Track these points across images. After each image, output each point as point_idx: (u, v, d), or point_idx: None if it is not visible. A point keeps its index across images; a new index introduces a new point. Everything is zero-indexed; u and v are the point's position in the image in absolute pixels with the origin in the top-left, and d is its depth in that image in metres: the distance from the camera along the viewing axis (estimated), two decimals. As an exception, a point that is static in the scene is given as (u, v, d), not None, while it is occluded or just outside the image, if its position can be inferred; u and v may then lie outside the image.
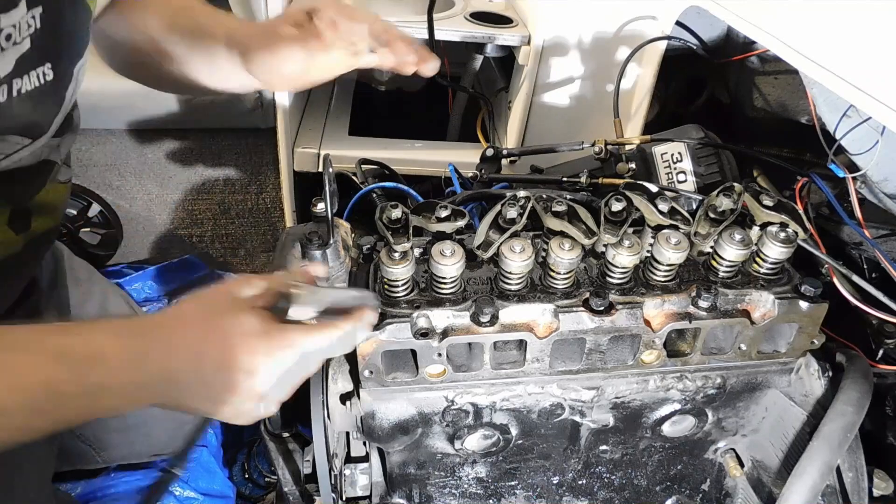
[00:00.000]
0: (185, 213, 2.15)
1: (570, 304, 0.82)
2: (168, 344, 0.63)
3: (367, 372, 0.83)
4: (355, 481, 0.99)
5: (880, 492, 0.87)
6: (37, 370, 0.58)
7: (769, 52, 1.04)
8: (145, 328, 0.67)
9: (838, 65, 0.87)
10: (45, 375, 0.58)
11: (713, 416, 0.96)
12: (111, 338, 0.62)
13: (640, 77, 1.60)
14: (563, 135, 1.62)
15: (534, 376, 0.87)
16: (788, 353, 0.90)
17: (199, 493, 1.48)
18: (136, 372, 0.62)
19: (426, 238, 0.85)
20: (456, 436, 0.92)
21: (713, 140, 1.14)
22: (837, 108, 1.00)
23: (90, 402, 0.61)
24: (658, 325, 0.83)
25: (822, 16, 0.92)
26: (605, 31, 1.60)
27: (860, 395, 0.83)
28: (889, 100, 0.78)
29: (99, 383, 0.59)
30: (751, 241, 0.84)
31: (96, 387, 0.60)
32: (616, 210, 0.85)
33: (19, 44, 0.66)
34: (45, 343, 0.60)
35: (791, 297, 0.84)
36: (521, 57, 1.64)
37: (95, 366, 0.60)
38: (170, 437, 1.41)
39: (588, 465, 1.01)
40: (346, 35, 0.87)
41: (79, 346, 0.60)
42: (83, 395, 0.60)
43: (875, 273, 1.07)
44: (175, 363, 0.63)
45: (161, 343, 0.63)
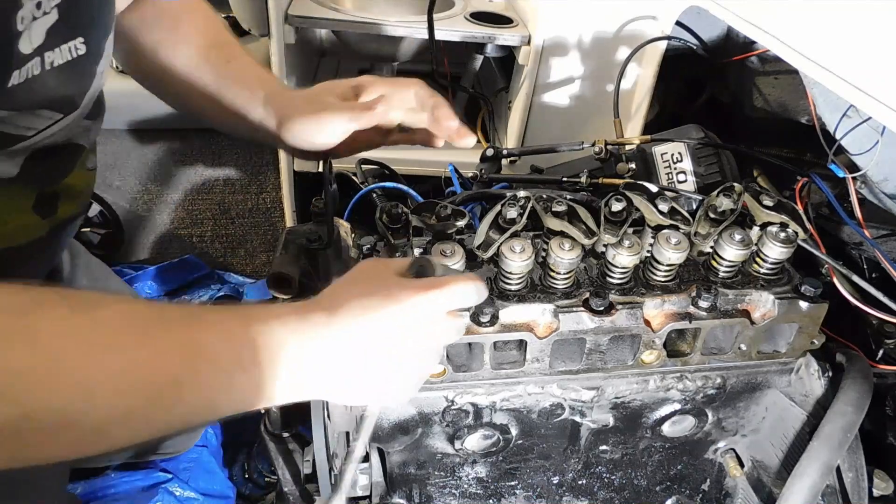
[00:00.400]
0: (185, 213, 2.15)
1: (570, 304, 0.82)
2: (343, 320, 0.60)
3: (367, 372, 0.82)
4: (355, 481, 0.99)
5: (880, 492, 0.87)
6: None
7: (769, 52, 1.04)
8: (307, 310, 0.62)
9: (838, 65, 0.87)
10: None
11: (713, 416, 0.96)
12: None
13: (640, 77, 1.60)
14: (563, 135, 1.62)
15: (534, 376, 0.87)
16: (788, 353, 0.90)
17: (199, 493, 1.48)
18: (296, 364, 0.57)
19: (426, 238, 0.86)
20: (456, 436, 0.92)
21: (713, 140, 1.14)
22: (837, 108, 1.00)
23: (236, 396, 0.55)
24: (658, 325, 0.83)
25: (822, 16, 0.92)
26: (605, 31, 1.60)
27: (860, 395, 0.83)
28: (889, 100, 0.78)
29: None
30: (751, 241, 0.84)
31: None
32: (616, 210, 0.85)
33: (49, 13, 0.65)
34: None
35: (791, 297, 0.84)
36: (521, 57, 1.64)
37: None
38: (173, 437, 1.41)
39: (588, 465, 1.01)
40: (397, 105, 0.88)
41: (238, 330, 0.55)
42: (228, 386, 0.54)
43: (875, 273, 1.07)
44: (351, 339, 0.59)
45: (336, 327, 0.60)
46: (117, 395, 0.46)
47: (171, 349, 0.51)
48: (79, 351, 0.45)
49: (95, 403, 0.45)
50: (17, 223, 0.81)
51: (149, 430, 0.50)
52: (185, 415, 0.52)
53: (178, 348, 0.51)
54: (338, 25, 1.67)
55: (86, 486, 1.42)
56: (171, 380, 0.50)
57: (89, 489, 1.42)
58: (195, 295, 2.04)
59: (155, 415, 0.50)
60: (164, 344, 0.51)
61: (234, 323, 0.55)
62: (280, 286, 0.85)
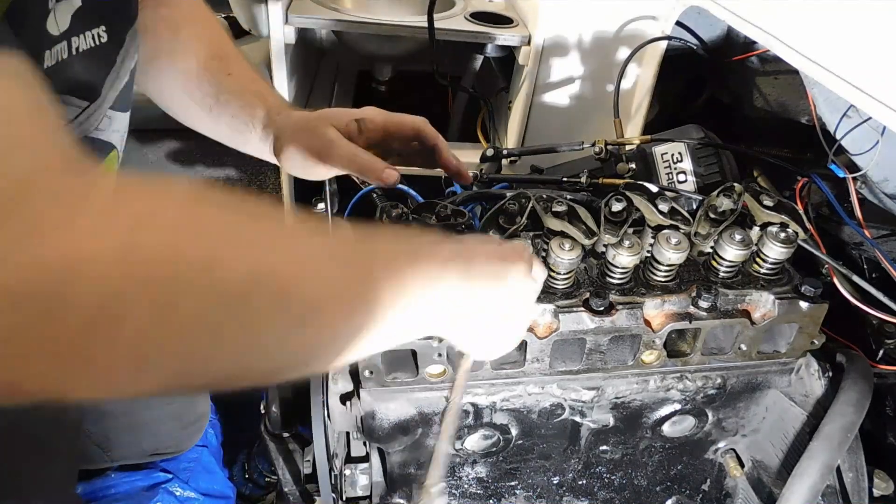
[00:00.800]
0: (185, 213, 2.15)
1: (571, 304, 0.82)
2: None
3: (367, 372, 0.83)
4: (355, 481, 0.99)
5: (880, 492, 0.87)
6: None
7: (769, 52, 1.04)
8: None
9: (838, 65, 0.87)
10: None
11: (713, 416, 0.96)
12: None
13: (640, 77, 1.60)
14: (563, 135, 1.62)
15: (534, 376, 0.87)
16: (788, 353, 0.90)
17: (199, 493, 1.48)
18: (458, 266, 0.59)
19: (426, 238, 0.86)
20: (456, 436, 0.92)
21: (713, 140, 1.14)
22: (837, 108, 1.00)
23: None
24: (658, 326, 0.83)
25: (822, 16, 0.92)
26: (605, 31, 1.60)
27: (860, 395, 0.83)
28: (889, 100, 0.78)
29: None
30: (751, 241, 0.84)
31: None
32: (616, 210, 0.85)
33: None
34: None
35: (791, 298, 0.84)
36: (521, 57, 1.64)
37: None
38: (175, 437, 1.41)
39: (588, 465, 1.01)
40: (398, 148, 0.89)
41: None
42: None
43: (875, 273, 1.07)
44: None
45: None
46: (324, 272, 0.47)
47: (386, 244, 0.54)
48: (286, 230, 0.48)
49: (306, 276, 0.45)
50: None
51: (348, 324, 0.49)
52: (369, 319, 0.52)
53: (380, 249, 0.54)
54: (338, 25, 1.67)
55: (86, 487, 1.42)
56: (361, 279, 0.50)
57: (89, 489, 1.42)
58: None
59: (352, 308, 0.49)
60: (347, 251, 0.52)
61: (404, 262, 0.56)
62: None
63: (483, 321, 0.63)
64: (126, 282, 0.34)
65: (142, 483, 1.46)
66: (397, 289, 0.53)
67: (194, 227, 0.39)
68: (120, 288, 0.34)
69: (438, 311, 0.58)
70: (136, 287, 0.35)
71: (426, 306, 0.57)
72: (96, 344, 0.34)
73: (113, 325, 0.34)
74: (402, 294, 0.54)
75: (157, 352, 0.37)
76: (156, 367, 0.38)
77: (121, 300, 0.34)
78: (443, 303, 0.58)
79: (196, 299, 0.38)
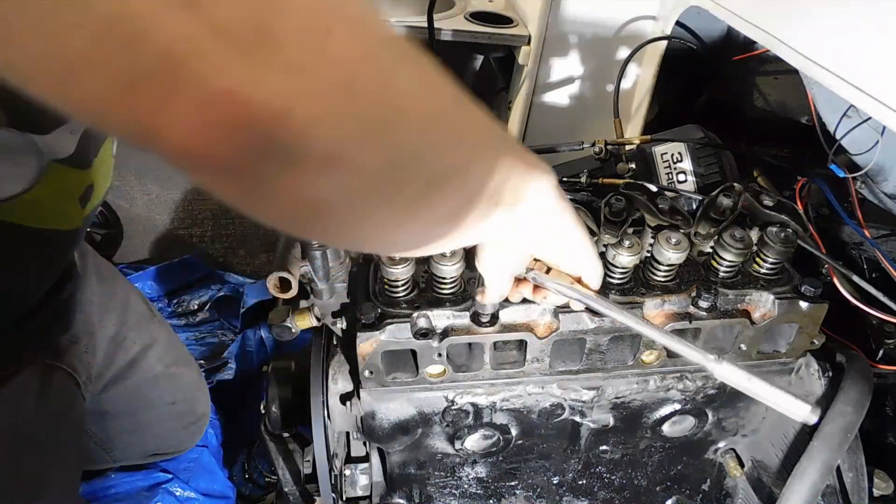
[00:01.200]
0: (185, 213, 2.15)
1: (570, 305, 0.82)
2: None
3: (367, 372, 0.83)
4: (355, 481, 0.99)
5: (880, 492, 0.87)
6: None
7: (769, 52, 1.04)
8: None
9: (838, 65, 0.87)
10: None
11: (713, 416, 0.96)
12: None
13: (640, 77, 1.59)
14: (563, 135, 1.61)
15: (534, 376, 0.87)
16: (788, 353, 0.90)
17: (199, 493, 1.48)
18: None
19: (426, 238, 0.85)
20: (456, 436, 0.92)
21: (713, 140, 1.14)
22: (837, 108, 1.00)
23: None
24: (658, 325, 0.83)
25: (822, 16, 0.92)
26: (605, 31, 1.60)
27: (860, 395, 0.83)
28: (889, 100, 0.78)
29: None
30: (751, 241, 0.84)
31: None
32: (616, 210, 0.85)
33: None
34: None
35: (791, 298, 0.84)
36: (521, 57, 1.64)
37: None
38: (177, 437, 1.41)
39: (588, 465, 1.01)
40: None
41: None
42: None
43: (875, 273, 1.07)
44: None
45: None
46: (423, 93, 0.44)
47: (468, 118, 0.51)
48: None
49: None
50: (67, 211, 0.87)
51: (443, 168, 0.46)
52: (482, 178, 0.51)
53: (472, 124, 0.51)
54: (338, 25, 1.67)
55: (86, 487, 1.42)
56: (481, 132, 0.50)
57: (90, 490, 1.42)
58: (195, 295, 2.04)
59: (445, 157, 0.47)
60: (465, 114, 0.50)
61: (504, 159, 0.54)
62: (280, 287, 0.85)
63: (574, 236, 0.63)
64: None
65: (142, 483, 1.46)
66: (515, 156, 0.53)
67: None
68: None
69: (541, 198, 0.58)
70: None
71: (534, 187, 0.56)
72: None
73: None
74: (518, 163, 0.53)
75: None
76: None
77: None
78: (543, 192, 0.58)
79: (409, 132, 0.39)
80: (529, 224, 0.60)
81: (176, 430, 1.40)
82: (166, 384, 1.32)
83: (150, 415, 1.32)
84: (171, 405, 1.35)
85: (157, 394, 1.30)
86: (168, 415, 1.35)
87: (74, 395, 1.02)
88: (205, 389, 1.45)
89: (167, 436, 1.40)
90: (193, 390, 1.40)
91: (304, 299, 0.90)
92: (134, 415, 1.29)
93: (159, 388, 1.30)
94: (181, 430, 1.41)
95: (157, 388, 1.30)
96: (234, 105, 0.31)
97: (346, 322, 0.90)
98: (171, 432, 1.40)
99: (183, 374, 1.36)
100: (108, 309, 1.18)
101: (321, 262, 0.84)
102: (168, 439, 1.41)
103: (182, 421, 1.40)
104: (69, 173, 0.84)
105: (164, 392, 1.32)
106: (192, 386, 1.39)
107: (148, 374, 1.26)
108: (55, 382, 0.97)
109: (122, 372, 1.22)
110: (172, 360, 1.32)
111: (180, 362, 1.35)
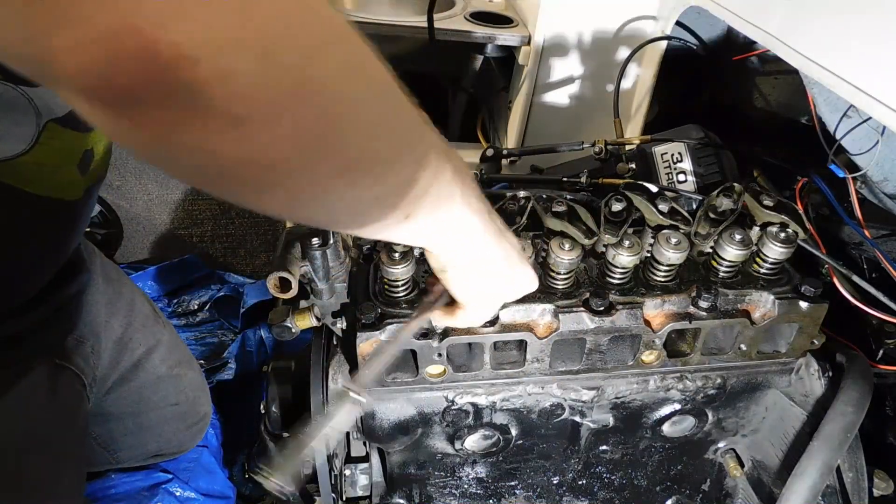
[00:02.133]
0: (185, 213, 2.15)
1: (570, 305, 0.82)
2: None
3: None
4: (355, 481, 0.99)
5: (880, 492, 0.87)
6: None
7: (769, 52, 1.04)
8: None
9: (838, 65, 0.87)
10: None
11: (713, 416, 0.96)
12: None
13: (640, 77, 1.59)
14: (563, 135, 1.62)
15: (534, 376, 0.87)
16: (788, 353, 0.90)
17: (199, 493, 1.48)
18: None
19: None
20: (456, 436, 0.92)
21: (713, 140, 1.14)
22: (837, 108, 1.00)
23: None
24: (658, 326, 0.83)
25: (822, 16, 0.92)
26: (605, 31, 1.60)
27: (860, 395, 0.83)
28: (889, 100, 0.78)
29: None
30: (751, 241, 0.84)
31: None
32: (616, 210, 0.85)
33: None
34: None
35: (791, 298, 0.84)
36: (521, 57, 1.64)
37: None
38: (179, 437, 1.42)
39: (588, 465, 1.01)
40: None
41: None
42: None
43: (875, 273, 1.07)
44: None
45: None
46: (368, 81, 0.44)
47: (413, 124, 0.50)
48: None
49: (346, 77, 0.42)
50: (66, 177, 0.86)
51: (386, 169, 0.47)
52: (398, 186, 0.50)
53: (417, 131, 0.51)
54: (338, 25, 1.67)
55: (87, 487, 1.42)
56: (407, 132, 0.49)
57: (90, 490, 1.42)
58: (195, 295, 2.04)
59: (395, 157, 0.48)
60: (411, 118, 0.50)
61: (448, 174, 0.54)
62: (280, 287, 0.85)
63: (484, 270, 0.64)
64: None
65: (142, 483, 1.46)
66: (441, 178, 0.52)
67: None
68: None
69: (457, 231, 0.58)
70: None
71: (454, 215, 0.56)
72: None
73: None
74: (442, 183, 0.53)
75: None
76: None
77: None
78: (463, 226, 0.58)
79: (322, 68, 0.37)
80: (437, 233, 0.59)
81: (178, 430, 1.40)
82: (170, 385, 1.32)
83: (154, 416, 1.32)
84: (174, 406, 1.35)
85: (161, 395, 1.30)
86: (171, 416, 1.35)
87: (81, 396, 1.02)
88: (206, 390, 1.45)
89: (170, 436, 1.40)
90: (196, 391, 1.40)
91: (304, 299, 0.90)
92: (137, 416, 1.29)
93: (163, 389, 1.30)
94: (184, 430, 1.41)
95: (160, 389, 1.30)
96: (138, 39, 0.30)
97: (346, 322, 0.90)
98: (174, 433, 1.40)
99: (186, 375, 1.36)
100: (115, 310, 1.18)
101: (321, 262, 0.84)
102: (171, 440, 1.41)
103: (185, 422, 1.40)
104: (66, 134, 0.82)
105: (168, 393, 1.32)
106: (195, 386, 1.40)
107: (152, 375, 1.26)
108: (63, 383, 0.96)
109: (126, 374, 1.22)
110: (176, 361, 1.32)
111: (183, 363, 1.35)
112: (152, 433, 1.36)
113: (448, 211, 0.56)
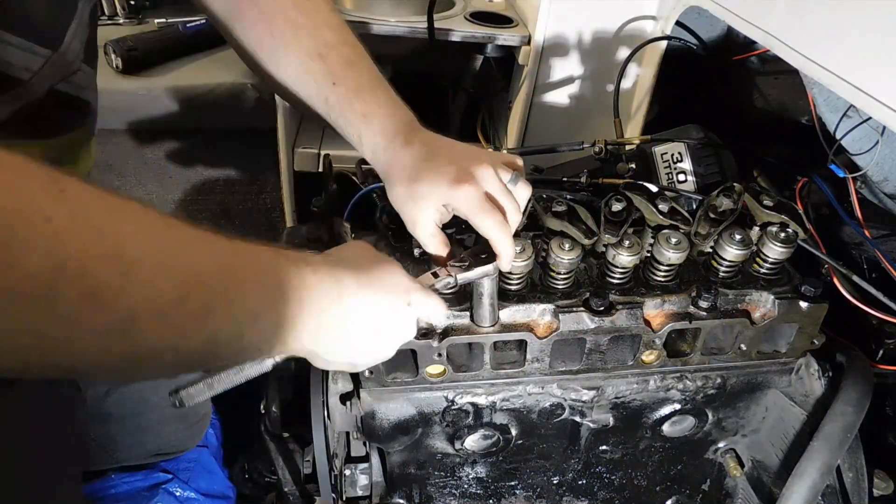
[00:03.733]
0: (185, 213, 2.15)
1: (570, 304, 0.82)
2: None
3: (367, 372, 0.83)
4: (355, 481, 0.99)
5: (880, 492, 0.87)
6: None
7: (769, 52, 1.04)
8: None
9: (838, 65, 0.87)
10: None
11: (713, 416, 0.96)
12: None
13: (640, 77, 1.60)
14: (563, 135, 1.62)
15: (534, 376, 0.87)
16: (788, 353, 0.90)
17: (199, 494, 1.48)
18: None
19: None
20: (456, 436, 0.92)
21: (713, 140, 1.14)
22: (837, 108, 1.00)
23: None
24: (658, 325, 0.83)
25: (822, 16, 0.92)
26: (605, 31, 1.60)
27: (860, 395, 0.83)
28: (889, 100, 0.78)
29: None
30: (751, 241, 0.84)
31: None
32: (616, 210, 0.85)
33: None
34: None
35: (791, 298, 0.84)
36: (521, 57, 1.64)
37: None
38: (179, 437, 1.42)
39: (588, 465, 1.01)
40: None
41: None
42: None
43: (875, 273, 1.07)
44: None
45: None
46: (150, 277, 0.44)
47: (206, 257, 0.51)
48: (115, 217, 0.45)
49: (128, 279, 0.43)
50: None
51: (177, 339, 0.49)
52: (214, 333, 0.51)
53: (213, 259, 0.52)
54: (338, 25, 1.67)
55: (86, 487, 1.42)
56: (201, 283, 0.50)
57: (90, 490, 1.42)
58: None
59: (185, 320, 0.48)
60: (199, 247, 0.51)
61: (269, 260, 0.57)
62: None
63: (349, 330, 0.64)
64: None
65: (142, 483, 1.46)
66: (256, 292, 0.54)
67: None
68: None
69: (304, 317, 0.59)
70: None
71: (293, 311, 0.57)
72: None
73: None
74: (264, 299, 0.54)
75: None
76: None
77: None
78: (310, 308, 0.59)
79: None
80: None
81: (178, 430, 1.40)
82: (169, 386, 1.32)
83: (153, 416, 1.32)
84: (174, 406, 1.35)
85: (161, 395, 1.30)
86: (171, 416, 1.35)
87: (76, 398, 1.01)
88: None
89: (170, 436, 1.40)
90: None
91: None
92: (137, 417, 1.29)
93: (162, 390, 1.30)
94: (183, 430, 1.41)
95: (160, 390, 1.30)
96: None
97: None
98: (174, 433, 1.40)
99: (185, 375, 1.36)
100: None
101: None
102: (170, 439, 1.41)
103: (185, 421, 1.40)
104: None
105: (167, 393, 1.32)
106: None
107: None
108: (59, 386, 0.96)
109: None
110: None
111: None
112: (152, 433, 1.36)
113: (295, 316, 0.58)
